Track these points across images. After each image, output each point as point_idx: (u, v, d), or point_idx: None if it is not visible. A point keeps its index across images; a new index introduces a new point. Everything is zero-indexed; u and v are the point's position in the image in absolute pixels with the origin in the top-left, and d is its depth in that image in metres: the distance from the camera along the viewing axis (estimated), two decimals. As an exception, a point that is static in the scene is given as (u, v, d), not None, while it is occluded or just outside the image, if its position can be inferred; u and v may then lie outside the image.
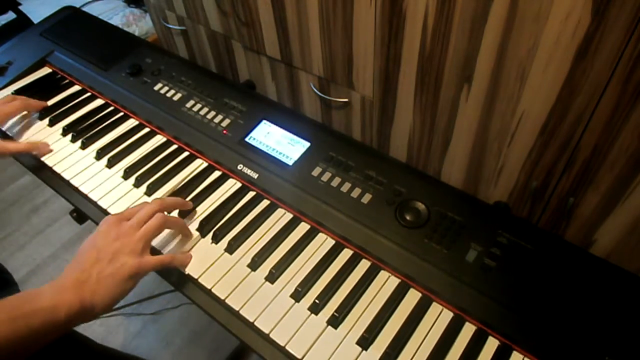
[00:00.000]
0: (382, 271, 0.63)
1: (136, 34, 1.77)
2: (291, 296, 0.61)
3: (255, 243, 0.67)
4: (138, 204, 0.66)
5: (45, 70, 1.02)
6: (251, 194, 0.73)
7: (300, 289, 0.61)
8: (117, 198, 0.74)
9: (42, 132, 0.86)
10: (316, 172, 0.73)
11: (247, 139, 0.80)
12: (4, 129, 0.88)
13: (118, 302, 0.56)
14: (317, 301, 0.59)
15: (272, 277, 0.63)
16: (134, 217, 0.61)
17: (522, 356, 0.55)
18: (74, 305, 0.52)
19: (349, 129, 1.14)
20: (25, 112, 0.89)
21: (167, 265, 0.62)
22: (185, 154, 0.81)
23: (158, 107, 0.87)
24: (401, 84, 0.93)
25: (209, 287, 0.62)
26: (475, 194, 0.98)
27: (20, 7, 1.86)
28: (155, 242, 0.66)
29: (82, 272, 0.55)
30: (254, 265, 0.64)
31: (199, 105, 0.86)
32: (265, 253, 0.65)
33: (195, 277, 0.63)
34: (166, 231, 0.66)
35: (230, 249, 0.66)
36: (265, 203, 0.72)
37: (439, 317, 0.59)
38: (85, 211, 0.75)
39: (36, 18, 1.75)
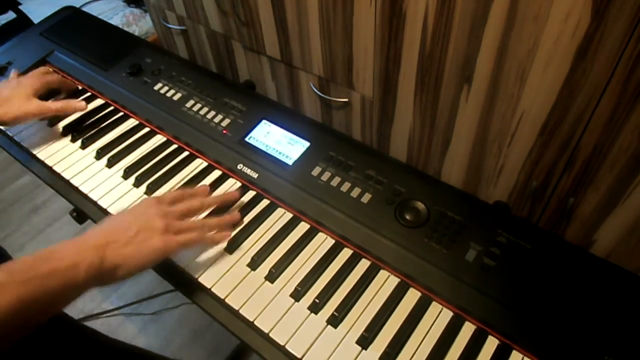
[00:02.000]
0: (381, 271, 0.63)
1: (136, 34, 1.77)
2: (291, 295, 0.61)
3: (255, 242, 0.67)
4: (183, 190, 0.67)
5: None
6: (251, 194, 0.73)
7: (300, 289, 0.61)
8: (117, 197, 0.74)
9: (41, 132, 0.86)
10: (316, 171, 0.73)
11: (247, 139, 0.80)
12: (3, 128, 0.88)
13: (141, 270, 0.55)
14: (316, 300, 0.59)
15: (271, 277, 0.63)
16: (178, 206, 0.62)
17: (521, 355, 0.55)
18: (93, 265, 0.50)
19: (348, 129, 1.14)
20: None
21: (195, 243, 0.62)
22: (185, 153, 0.81)
23: (158, 107, 0.87)
24: (401, 84, 0.93)
25: (208, 287, 0.62)
26: (475, 194, 0.98)
27: (20, 7, 1.86)
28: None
29: (111, 232, 0.54)
30: (254, 264, 0.64)
31: (198, 105, 0.86)
32: (265, 252, 0.65)
33: (195, 276, 0.63)
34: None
35: (230, 248, 0.66)
36: (265, 202, 0.72)
37: (438, 316, 0.59)
38: (85, 211, 0.75)
39: (36, 18, 1.75)
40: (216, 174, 0.77)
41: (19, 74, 0.87)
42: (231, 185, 0.75)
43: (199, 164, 0.79)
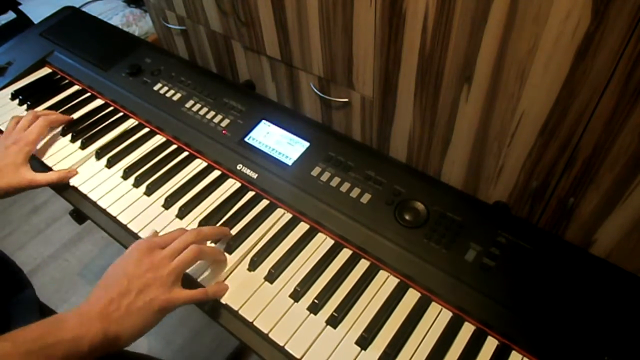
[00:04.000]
0: (381, 271, 0.63)
1: (136, 34, 1.77)
2: (290, 296, 0.61)
3: (255, 243, 0.67)
4: (173, 231, 0.62)
5: (45, 71, 1.02)
6: (250, 194, 0.73)
7: (299, 289, 0.61)
8: (116, 198, 0.74)
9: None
10: (315, 172, 0.73)
11: (246, 139, 0.80)
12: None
13: (143, 334, 0.55)
14: (316, 301, 0.59)
15: (271, 277, 0.63)
16: (168, 247, 0.58)
17: (521, 356, 0.55)
18: (97, 337, 0.50)
19: (348, 129, 1.14)
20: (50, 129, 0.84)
21: (199, 300, 0.60)
22: (185, 154, 0.81)
23: (158, 107, 0.87)
24: (401, 84, 0.93)
25: (208, 287, 0.62)
26: (475, 194, 0.98)
27: (20, 7, 1.86)
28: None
29: (110, 302, 0.53)
30: (253, 265, 0.64)
31: (198, 105, 0.86)
32: (265, 253, 0.65)
33: (195, 277, 0.63)
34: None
35: (229, 249, 0.66)
36: (264, 203, 0.72)
37: (438, 316, 0.59)
38: (85, 211, 0.75)
39: (36, 18, 1.75)
40: (216, 174, 0.77)
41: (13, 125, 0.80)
42: (231, 185, 0.75)
43: (198, 164, 0.79)
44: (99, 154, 0.81)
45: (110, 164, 0.79)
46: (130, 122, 0.87)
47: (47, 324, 0.49)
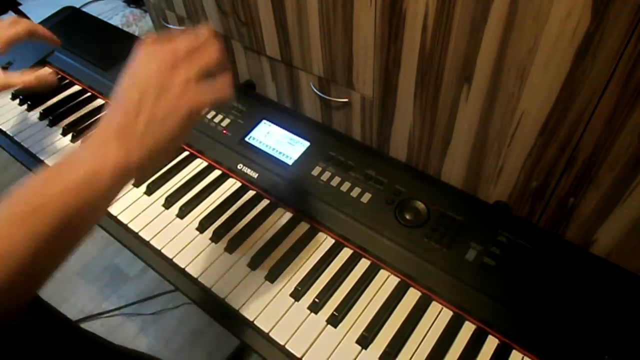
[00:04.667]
0: (381, 270, 0.63)
1: (136, 34, 1.77)
2: (291, 295, 0.61)
3: (255, 242, 0.67)
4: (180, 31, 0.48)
5: (46, 71, 1.02)
6: (251, 194, 0.74)
7: (299, 288, 0.61)
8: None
9: (41, 132, 0.86)
10: (316, 171, 0.73)
11: (247, 139, 0.80)
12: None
13: (178, 146, 0.45)
14: (316, 300, 0.59)
15: (271, 277, 0.63)
16: (180, 40, 0.45)
17: (521, 355, 0.55)
18: (119, 163, 0.40)
19: (349, 129, 1.14)
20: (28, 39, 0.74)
21: (226, 92, 0.46)
22: (185, 153, 0.81)
23: (158, 106, 0.87)
24: (401, 84, 0.93)
25: (209, 287, 0.62)
26: (475, 194, 0.98)
27: (20, 7, 1.87)
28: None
29: (124, 116, 0.42)
30: (254, 264, 0.64)
31: (199, 105, 0.86)
32: (265, 252, 0.65)
33: (195, 276, 0.63)
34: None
35: (230, 248, 0.66)
36: (265, 202, 0.72)
37: (438, 316, 0.59)
38: (85, 211, 0.75)
39: (36, 18, 1.75)
40: (216, 173, 0.77)
41: None
42: (231, 185, 0.75)
43: (198, 163, 0.79)
44: (100, 154, 0.81)
45: (110, 163, 0.79)
46: (131, 122, 0.87)
47: (51, 169, 0.40)
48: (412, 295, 0.61)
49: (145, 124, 0.41)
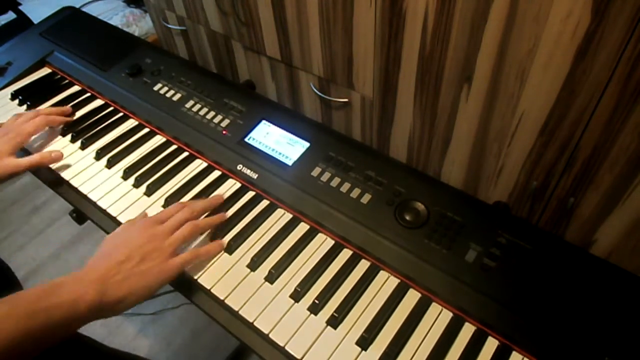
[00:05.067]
0: (381, 271, 0.63)
1: (136, 34, 1.77)
2: (291, 296, 0.61)
3: (255, 243, 0.67)
4: (170, 207, 0.66)
5: (45, 71, 1.02)
6: (250, 194, 0.73)
7: (299, 289, 0.61)
8: (116, 198, 0.74)
9: (41, 133, 0.86)
10: (316, 172, 0.73)
11: (246, 139, 0.80)
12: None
13: (142, 301, 0.56)
14: (316, 301, 0.59)
15: (271, 277, 0.63)
16: (167, 222, 0.63)
17: (521, 356, 0.55)
18: (95, 301, 0.51)
19: (348, 129, 1.14)
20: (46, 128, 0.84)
21: (195, 260, 0.63)
22: (185, 154, 0.81)
23: (158, 107, 0.87)
24: (401, 84, 0.93)
25: (208, 288, 0.62)
26: (475, 194, 0.98)
27: (20, 7, 1.86)
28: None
29: (109, 268, 0.55)
30: (254, 265, 0.64)
31: (198, 106, 0.86)
32: (265, 253, 0.65)
33: (195, 277, 0.63)
34: None
35: (230, 249, 0.66)
36: (264, 203, 0.72)
37: (438, 317, 0.59)
38: (85, 212, 0.75)
39: (36, 18, 1.75)
40: (216, 174, 0.77)
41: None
42: (231, 185, 0.75)
43: (198, 164, 0.79)
44: (99, 154, 0.81)
45: (110, 164, 0.79)
46: (131, 123, 0.87)
47: (45, 287, 0.50)
48: (412, 297, 0.61)
49: (125, 276, 0.54)
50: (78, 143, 0.84)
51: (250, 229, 0.68)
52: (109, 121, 0.87)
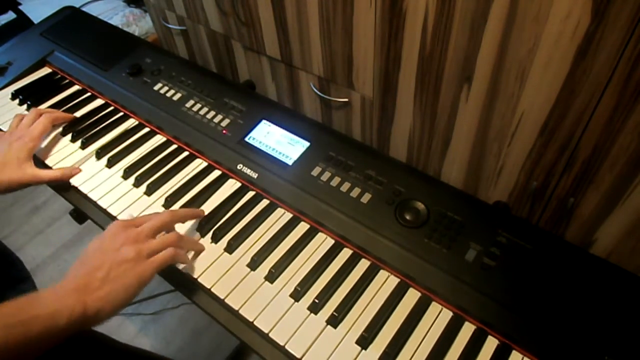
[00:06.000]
0: (381, 271, 0.63)
1: (136, 34, 1.77)
2: (291, 296, 0.61)
3: (255, 243, 0.67)
4: (149, 213, 0.64)
5: (45, 70, 1.02)
6: (251, 194, 0.73)
7: (299, 289, 0.61)
8: (117, 198, 0.74)
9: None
10: (316, 171, 0.73)
11: (246, 139, 0.80)
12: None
13: (123, 307, 0.55)
14: (316, 301, 0.59)
15: (271, 277, 0.63)
16: (144, 224, 0.60)
17: (521, 356, 0.55)
18: (75, 311, 0.50)
19: (349, 129, 1.14)
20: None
21: (172, 260, 0.60)
22: (185, 153, 0.81)
23: (158, 107, 0.87)
24: (401, 84, 0.93)
25: (208, 287, 0.62)
26: (475, 194, 0.98)
27: (20, 7, 1.86)
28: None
29: (86, 275, 0.53)
30: (254, 264, 0.64)
31: (198, 105, 0.86)
32: (265, 253, 0.65)
33: (195, 276, 0.63)
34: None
35: (230, 248, 0.66)
36: (264, 203, 0.72)
37: (438, 316, 0.59)
38: (85, 211, 0.75)
39: (36, 18, 1.75)
40: (216, 174, 0.77)
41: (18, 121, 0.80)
42: (231, 185, 0.75)
43: (198, 164, 0.79)
44: (99, 154, 0.81)
45: (110, 163, 0.79)
46: (131, 122, 0.87)
47: (24, 300, 0.50)
48: (412, 296, 0.61)
49: (101, 283, 0.53)
50: (78, 142, 0.84)
51: (251, 228, 0.68)
52: (109, 121, 0.87)
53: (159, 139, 0.84)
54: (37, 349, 0.48)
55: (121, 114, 0.89)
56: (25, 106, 0.93)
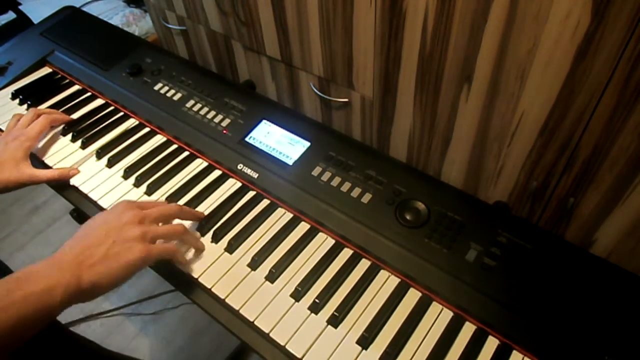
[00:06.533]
0: (382, 271, 0.63)
1: (136, 34, 1.77)
2: (291, 295, 0.61)
3: (255, 242, 0.67)
4: (156, 200, 0.64)
5: (46, 70, 1.02)
6: (251, 194, 0.74)
7: (300, 289, 0.61)
8: (117, 198, 0.74)
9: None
10: (316, 171, 0.73)
11: (247, 139, 0.80)
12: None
13: (119, 285, 0.53)
14: (317, 300, 0.59)
15: (272, 277, 0.63)
16: (152, 209, 0.60)
17: (522, 356, 0.55)
18: (71, 286, 0.49)
19: (349, 129, 1.14)
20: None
21: (172, 255, 0.61)
22: (185, 153, 0.81)
23: (158, 106, 0.87)
24: (401, 84, 0.93)
25: (209, 287, 0.62)
26: (475, 194, 0.98)
27: (20, 7, 1.86)
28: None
29: (84, 249, 0.52)
30: (254, 264, 0.64)
31: (199, 105, 0.86)
32: (265, 252, 0.65)
33: (195, 276, 0.63)
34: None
35: (230, 248, 0.66)
36: (265, 202, 0.72)
37: (438, 316, 0.59)
38: (85, 211, 0.75)
39: (36, 18, 1.75)
40: (216, 173, 0.77)
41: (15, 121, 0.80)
42: (231, 185, 0.75)
43: (199, 164, 0.79)
44: (100, 154, 0.81)
45: (110, 163, 0.79)
46: (131, 122, 0.87)
47: (16, 277, 0.48)
48: (413, 296, 0.61)
49: (100, 258, 0.52)
50: (78, 142, 0.84)
51: (251, 228, 0.68)
52: (110, 120, 0.87)
53: (159, 139, 0.84)
54: (32, 327, 0.47)
55: (121, 113, 0.89)
56: (25, 106, 0.93)
